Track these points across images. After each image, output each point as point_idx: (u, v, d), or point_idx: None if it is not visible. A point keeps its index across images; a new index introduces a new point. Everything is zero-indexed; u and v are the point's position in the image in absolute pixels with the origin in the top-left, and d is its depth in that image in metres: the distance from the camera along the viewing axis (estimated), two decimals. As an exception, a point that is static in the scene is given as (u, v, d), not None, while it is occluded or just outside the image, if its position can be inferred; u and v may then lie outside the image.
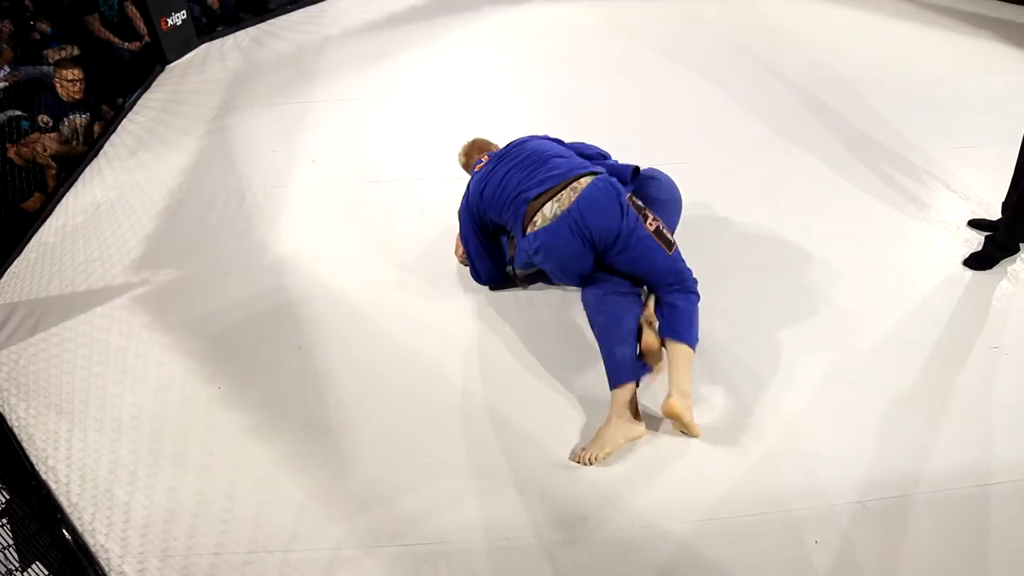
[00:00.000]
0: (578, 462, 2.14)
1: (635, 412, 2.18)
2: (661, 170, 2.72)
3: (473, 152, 2.89)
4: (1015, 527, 1.93)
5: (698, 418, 2.24)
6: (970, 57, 4.67)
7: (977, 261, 2.81)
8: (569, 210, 2.30)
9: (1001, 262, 2.82)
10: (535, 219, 2.37)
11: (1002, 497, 2.00)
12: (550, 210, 2.34)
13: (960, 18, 5.26)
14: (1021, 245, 2.82)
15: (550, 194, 2.37)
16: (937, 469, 2.07)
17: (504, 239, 2.78)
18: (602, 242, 2.31)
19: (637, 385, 2.22)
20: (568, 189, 2.35)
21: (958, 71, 4.46)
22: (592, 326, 2.37)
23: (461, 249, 2.83)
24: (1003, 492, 2.01)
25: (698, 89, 4.37)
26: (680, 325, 2.27)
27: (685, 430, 2.18)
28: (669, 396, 2.13)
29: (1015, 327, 2.55)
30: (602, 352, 2.29)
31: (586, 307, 2.39)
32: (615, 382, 2.20)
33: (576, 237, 2.30)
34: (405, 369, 2.50)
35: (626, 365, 2.21)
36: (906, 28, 5.15)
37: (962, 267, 2.82)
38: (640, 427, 2.16)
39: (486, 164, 2.65)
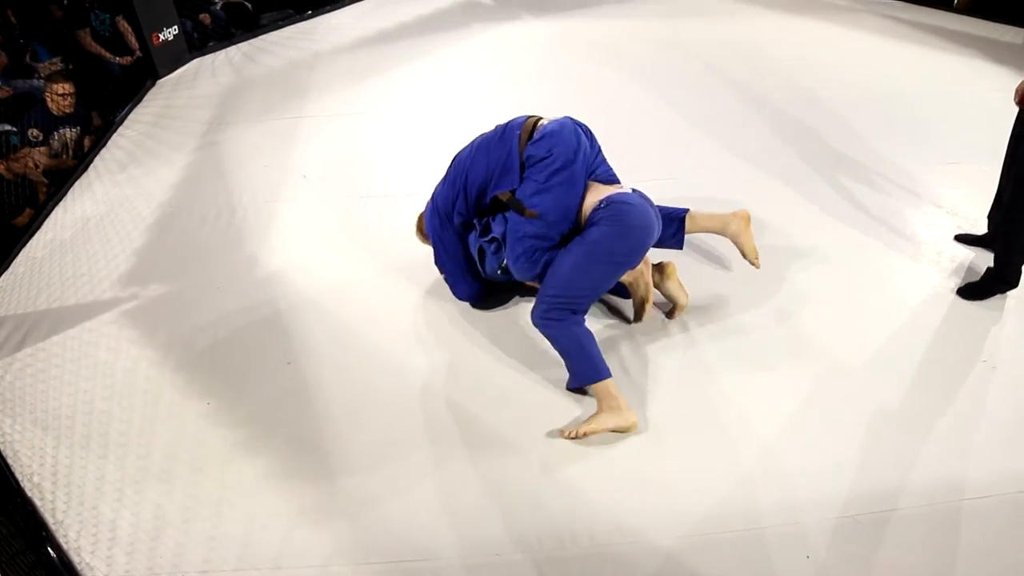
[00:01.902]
0: (562, 436, 2.24)
1: (624, 402, 2.24)
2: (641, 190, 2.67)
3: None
4: (1005, 540, 1.94)
5: (688, 433, 2.25)
6: (953, 74, 4.73)
7: (972, 292, 2.76)
8: (566, 117, 2.48)
9: None
10: (540, 123, 2.45)
11: (993, 510, 2.01)
12: (548, 118, 2.47)
13: (943, 36, 5.33)
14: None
15: (537, 117, 2.50)
16: (927, 482, 2.08)
17: (472, 240, 2.71)
18: (588, 144, 2.46)
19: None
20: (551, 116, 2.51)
21: (942, 88, 4.51)
22: (549, 338, 2.35)
23: None
24: (994, 505, 2.02)
25: (684, 107, 4.40)
26: None
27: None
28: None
29: (1003, 341, 2.57)
30: (568, 356, 2.31)
31: (537, 326, 2.35)
32: (590, 380, 2.25)
33: (581, 132, 2.44)
34: (394, 384, 2.49)
35: (599, 361, 2.27)
36: (889, 46, 5.21)
37: (949, 280, 2.84)
38: (633, 416, 2.22)
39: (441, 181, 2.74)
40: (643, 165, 3.68)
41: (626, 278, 2.53)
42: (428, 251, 3.01)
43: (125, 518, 2.07)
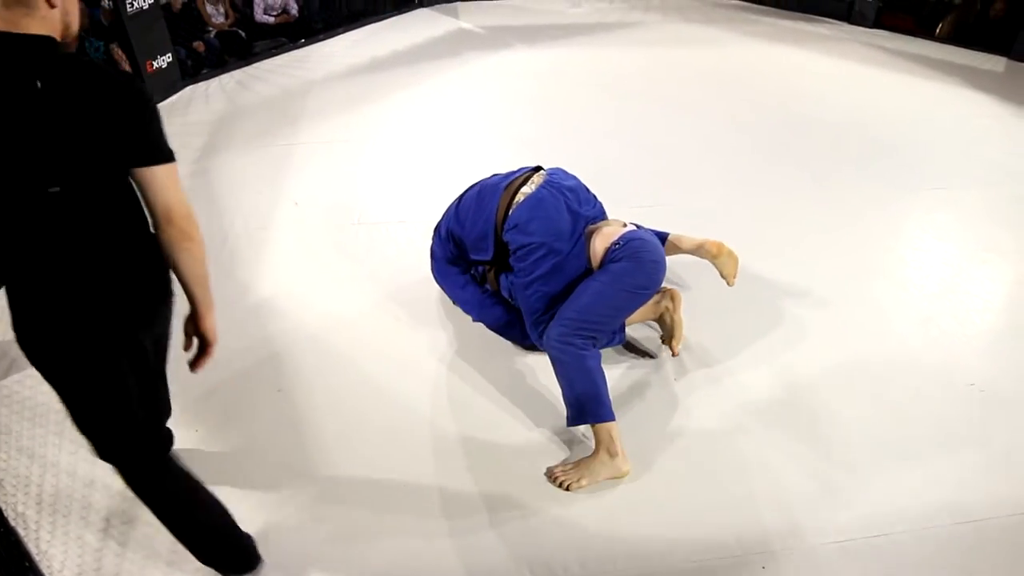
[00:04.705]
0: (550, 480, 2.17)
1: (622, 449, 2.17)
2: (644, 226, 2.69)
3: None
4: (997, 564, 1.93)
5: (680, 460, 2.24)
6: (938, 102, 4.82)
7: None
8: (546, 181, 2.52)
9: (979, 296, 2.87)
10: (516, 199, 2.49)
11: (984, 535, 2.00)
12: (528, 188, 2.51)
13: (929, 65, 5.43)
14: None
15: (520, 180, 2.54)
16: (917, 508, 2.08)
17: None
18: (576, 201, 2.49)
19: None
20: (536, 175, 2.56)
21: (928, 116, 4.59)
22: (559, 364, 2.27)
23: None
24: (984, 529, 2.02)
25: (676, 133, 4.46)
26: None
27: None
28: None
29: (991, 364, 2.59)
30: (575, 390, 2.22)
31: (549, 348, 2.30)
32: (594, 419, 2.18)
33: (560, 198, 2.47)
34: (386, 411, 2.48)
35: (606, 402, 2.19)
36: (874, 74, 5.31)
37: (936, 304, 2.87)
38: (626, 464, 2.16)
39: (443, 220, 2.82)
40: (634, 192, 3.72)
41: (652, 315, 2.65)
42: (420, 278, 3.02)
43: (111, 548, 2.04)
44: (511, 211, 2.47)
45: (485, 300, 2.76)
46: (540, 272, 2.42)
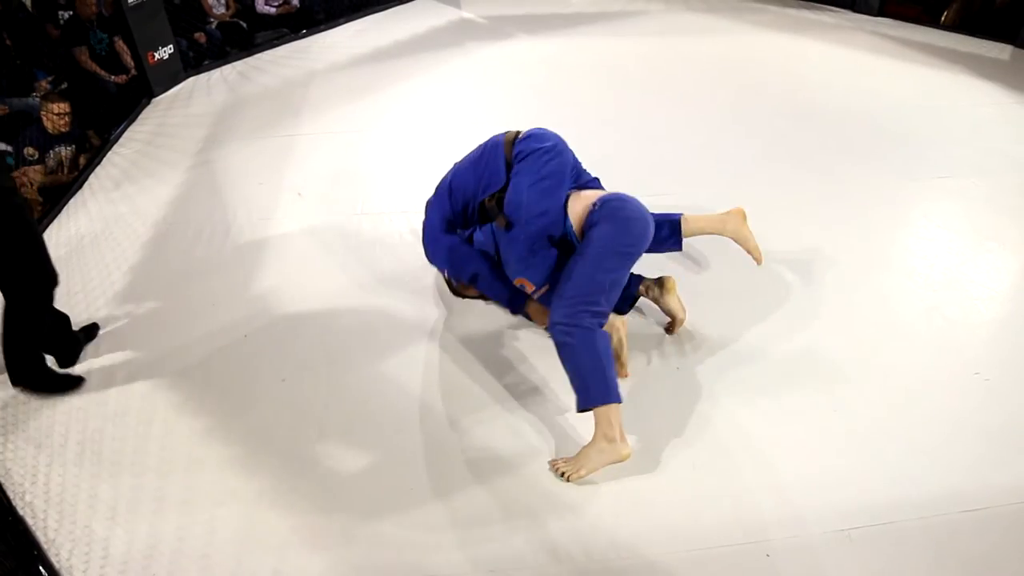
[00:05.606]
0: (552, 470, 2.18)
1: (621, 433, 2.15)
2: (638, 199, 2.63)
3: None
4: (1000, 553, 1.94)
5: (683, 448, 2.25)
6: (943, 90, 4.79)
7: None
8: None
9: (984, 285, 2.86)
10: (520, 135, 2.60)
11: (987, 523, 2.01)
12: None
13: (933, 53, 5.39)
14: None
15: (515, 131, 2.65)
16: (921, 496, 2.08)
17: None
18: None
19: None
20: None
21: (932, 104, 4.56)
22: (564, 348, 2.22)
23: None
24: (987, 518, 2.02)
25: (680, 123, 4.44)
26: None
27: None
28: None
29: (996, 353, 2.59)
30: (581, 373, 2.18)
31: (554, 332, 2.24)
32: (602, 401, 2.14)
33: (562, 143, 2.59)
34: (389, 401, 2.49)
35: (613, 384, 2.16)
36: (881, 62, 5.27)
37: (941, 293, 2.86)
38: (626, 448, 2.14)
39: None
40: (637, 181, 3.69)
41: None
42: (422, 268, 3.03)
43: (118, 536, 2.05)
44: (518, 138, 2.57)
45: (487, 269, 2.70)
46: (547, 171, 2.46)
